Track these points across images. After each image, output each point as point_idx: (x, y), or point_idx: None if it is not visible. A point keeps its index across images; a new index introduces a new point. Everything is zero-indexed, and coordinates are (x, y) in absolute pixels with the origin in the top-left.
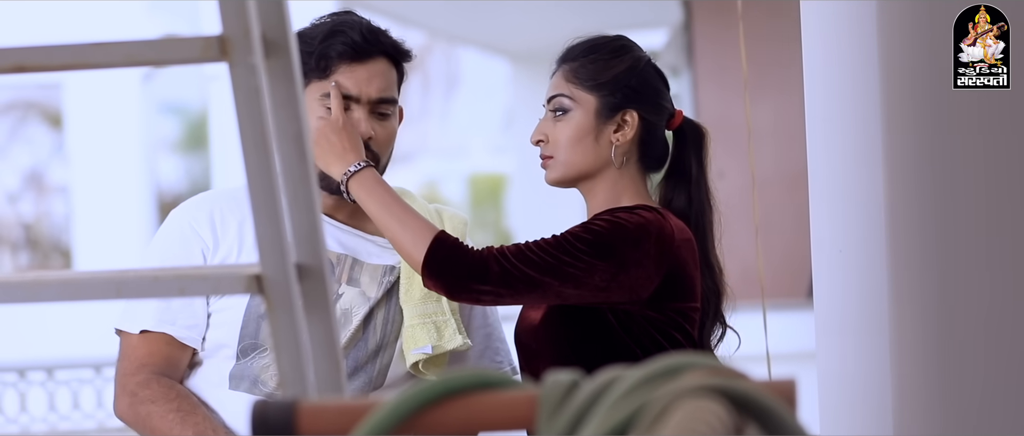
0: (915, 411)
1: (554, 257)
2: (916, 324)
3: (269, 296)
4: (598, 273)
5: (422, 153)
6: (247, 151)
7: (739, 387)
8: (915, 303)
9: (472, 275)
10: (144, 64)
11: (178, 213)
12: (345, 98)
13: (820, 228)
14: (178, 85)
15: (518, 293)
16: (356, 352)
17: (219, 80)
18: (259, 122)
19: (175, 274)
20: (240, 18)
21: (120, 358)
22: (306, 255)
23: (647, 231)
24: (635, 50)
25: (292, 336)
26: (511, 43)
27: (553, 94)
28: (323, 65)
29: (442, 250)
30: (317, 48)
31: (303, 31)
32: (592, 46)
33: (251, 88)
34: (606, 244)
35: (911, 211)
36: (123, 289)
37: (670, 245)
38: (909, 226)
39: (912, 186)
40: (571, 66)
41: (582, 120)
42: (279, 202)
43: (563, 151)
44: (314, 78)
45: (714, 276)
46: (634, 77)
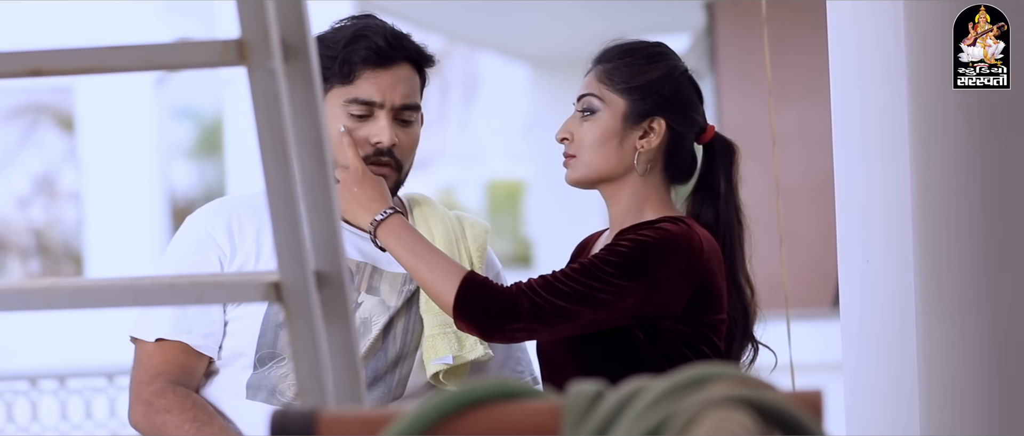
0: (943, 423)
1: (583, 285)
2: (945, 335)
3: (288, 304)
4: (630, 295)
5: (439, 159)
6: (265, 157)
7: (766, 398)
8: (944, 313)
9: (503, 314)
10: (161, 68)
11: (194, 219)
12: (367, 104)
13: (847, 237)
14: (192, 89)
15: (551, 326)
16: (375, 362)
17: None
18: (278, 128)
19: (192, 281)
20: (259, 21)
21: (135, 366)
22: (325, 263)
23: (675, 246)
24: (672, 58)
25: (311, 345)
26: (531, 47)
27: (583, 93)
28: (346, 70)
29: (471, 291)
30: (340, 53)
31: (324, 35)
32: (629, 49)
33: (270, 93)
34: (635, 264)
35: (940, 219)
36: (140, 296)
37: (699, 258)
38: (938, 235)
39: (941, 193)
40: (605, 67)
41: (609, 122)
42: (298, 209)
43: (586, 151)
44: (336, 83)
45: (743, 296)
46: (667, 85)
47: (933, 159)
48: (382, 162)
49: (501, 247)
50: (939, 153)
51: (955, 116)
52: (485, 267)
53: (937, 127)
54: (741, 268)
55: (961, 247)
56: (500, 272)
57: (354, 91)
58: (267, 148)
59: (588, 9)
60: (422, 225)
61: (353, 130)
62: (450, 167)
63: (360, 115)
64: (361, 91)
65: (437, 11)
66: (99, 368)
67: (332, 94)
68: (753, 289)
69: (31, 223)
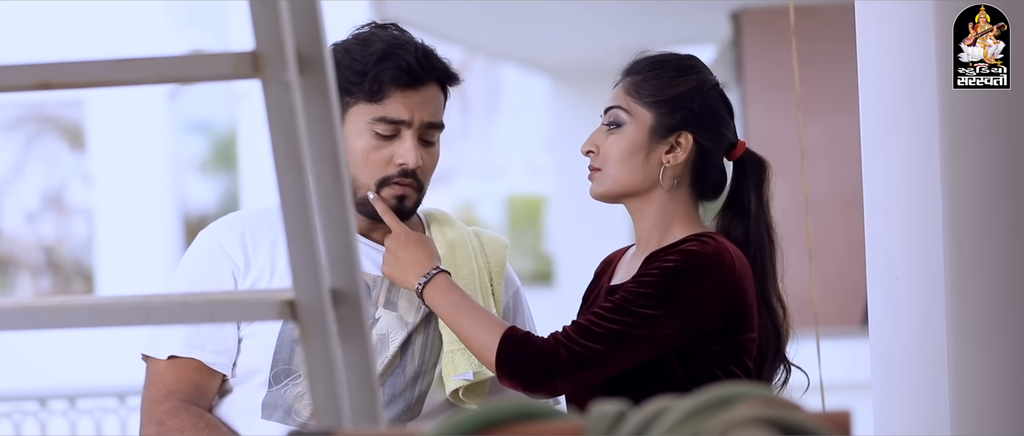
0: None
1: (619, 323)
2: (978, 354)
3: (303, 323)
4: (667, 324)
5: (458, 173)
6: (280, 171)
7: (793, 418)
8: (977, 332)
9: (544, 370)
10: (174, 81)
11: (207, 234)
12: (395, 123)
13: (876, 253)
14: (205, 103)
15: (592, 372)
16: (393, 379)
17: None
18: (293, 141)
19: (205, 299)
20: (274, 33)
21: (146, 385)
22: (341, 279)
23: (708, 267)
24: (702, 72)
25: (327, 363)
26: (552, 59)
27: (610, 105)
28: (376, 89)
29: (511, 347)
30: (370, 70)
31: (348, 46)
32: (658, 62)
33: (285, 106)
34: (669, 292)
35: (973, 235)
36: (152, 314)
37: (733, 277)
38: (970, 250)
39: (974, 208)
40: (634, 79)
41: (635, 136)
42: (313, 224)
43: (612, 165)
44: (362, 99)
45: (775, 316)
46: (696, 99)
47: (965, 172)
48: (405, 182)
49: (521, 264)
50: (971, 167)
51: (991, 129)
52: (504, 284)
53: (970, 140)
54: (773, 287)
55: (994, 264)
56: (519, 289)
57: (382, 110)
58: (282, 162)
59: (610, 20)
60: (440, 241)
61: (377, 148)
62: (469, 181)
63: (387, 134)
64: (389, 110)
65: (457, 22)
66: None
67: (356, 110)
68: (785, 308)
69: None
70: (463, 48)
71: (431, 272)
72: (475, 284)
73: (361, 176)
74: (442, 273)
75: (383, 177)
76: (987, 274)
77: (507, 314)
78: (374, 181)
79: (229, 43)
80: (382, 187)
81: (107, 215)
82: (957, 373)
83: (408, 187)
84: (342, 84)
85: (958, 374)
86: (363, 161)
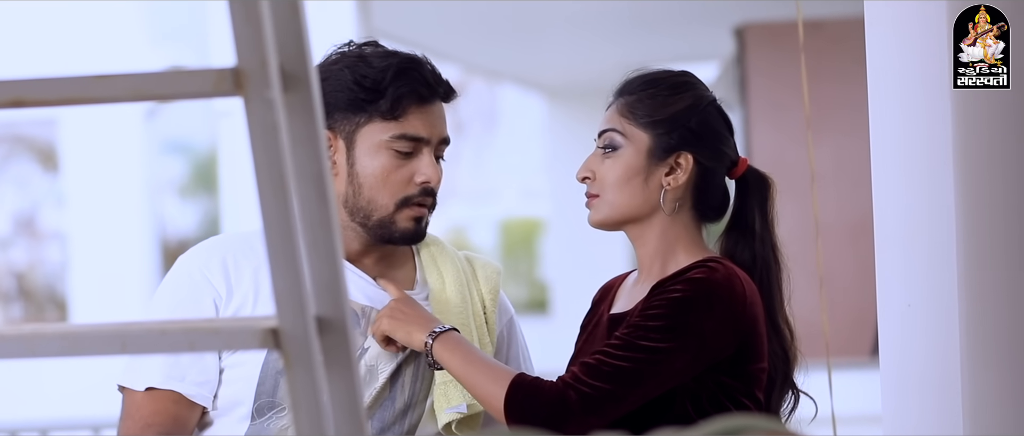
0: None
1: (629, 360)
2: (993, 386)
3: (287, 352)
4: (678, 358)
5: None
6: (263, 193)
7: None
8: (991, 363)
9: (555, 415)
10: (152, 99)
11: (187, 259)
12: (415, 141)
13: (887, 280)
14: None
15: (606, 414)
16: (382, 412)
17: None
18: (277, 162)
19: (184, 327)
20: (257, 49)
21: (123, 418)
22: (327, 307)
23: (718, 295)
24: (698, 88)
25: (311, 395)
26: (548, 77)
27: (604, 128)
28: (394, 106)
29: (519, 393)
30: (388, 87)
31: (354, 64)
32: (652, 80)
33: (268, 125)
34: (678, 324)
35: (987, 261)
36: (128, 344)
37: (743, 304)
38: (985, 278)
39: (989, 233)
40: (627, 100)
41: (632, 159)
42: (297, 249)
43: (610, 191)
44: (379, 118)
45: (783, 340)
46: (693, 117)
47: (982, 195)
48: (426, 202)
49: (515, 292)
50: (988, 190)
51: (1008, 150)
52: (498, 312)
53: (986, 163)
54: (780, 310)
55: (1012, 293)
56: (513, 317)
57: (401, 127)
58: (264, 183)
59: (608, 37)
60: (431, 267)
61: (397, 167)
62: (461, 205)
63: (407, 152)
64: (408, 127)
65: (453, 40)
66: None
67: (371, 128)
68: (793, 332)
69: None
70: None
71: (443, 326)
72: (468, 312)
73: (379, 197)
74: (452, 330)
75: (404, 197)
76: (1002, 302)
77: (501, 343)
78: (394, 202)
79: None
80: (402, 208)
81: (81, 240)
82: (972, 405)
83: (427, 207)
84: (351, 102)
85: (972, 406)
86: (383, 181)
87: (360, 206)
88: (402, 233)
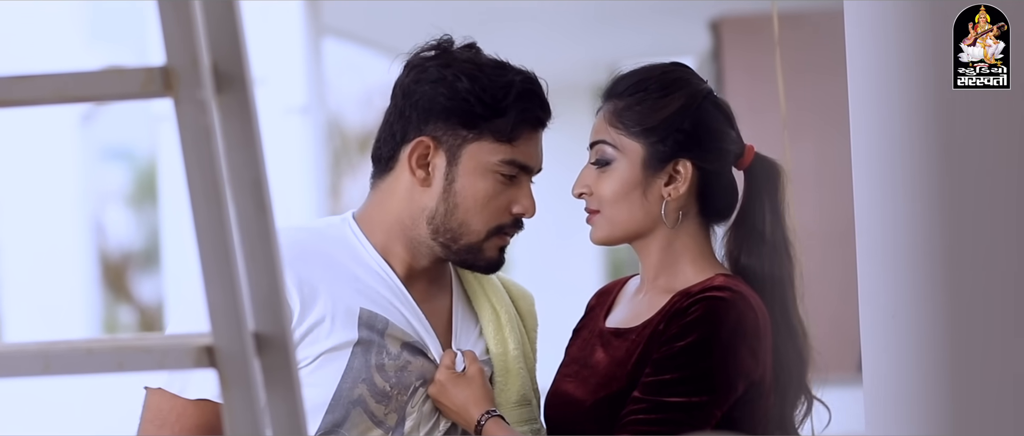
0: None
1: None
2: (982, 402)
3: (222, 371)
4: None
5: None
6: (195, 201)
7: None
8: (981, 378)
9: None
10: (77, 100)
11: None
12: (524, 168)
13: (869, 290)
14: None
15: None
16: None
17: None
18: (210, 168)
19: (113, 346)
20: (187, 46)
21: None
22: (266, 322)
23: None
24: (690, 83)
25: (250, 419)
26: None
27: (594, 140)
28: (512, 128)
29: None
30: (511, 108)
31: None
32: (639, 81)
33: (200, 127)
34: (698, 375)
35: (977, 268)
36: (51, 364)
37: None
38: (975, 287)
39: (978, 237)
40: (615, 106)
41: (627, 172)
42: (233, 261)
43: (608, 207)
44: (491, 138)
45: (796, 340)
46: (687, 118)
47: (969, 195)
48: (513, 233)
49: None
50: (989, 191)
51: (997, 147)
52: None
53: (974, 160)
54: (793, 309)
55: (1000, 301)
56: None
57: (513, 152)
58: (197, 191)
59: (577, 34)
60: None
61: (499, 193)
62: None
63: (510, 177)
64: (519, 154)
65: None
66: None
67: (479, 147)
68: (806, 332)
69: None
70: None
71: (494, 411)
72: (517, 328)
73: (474, 222)
74: (499, 416)
75: (498, 225)
76: (993, 313)
77: None
78: (487, 228)
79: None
80: (493, 236)
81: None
82: (960, 423)
83: (511, 238)
84: (464, 114)
85: (961, 424)
86: (482, 206)
87: (450, 227)
88: (487, 262)
